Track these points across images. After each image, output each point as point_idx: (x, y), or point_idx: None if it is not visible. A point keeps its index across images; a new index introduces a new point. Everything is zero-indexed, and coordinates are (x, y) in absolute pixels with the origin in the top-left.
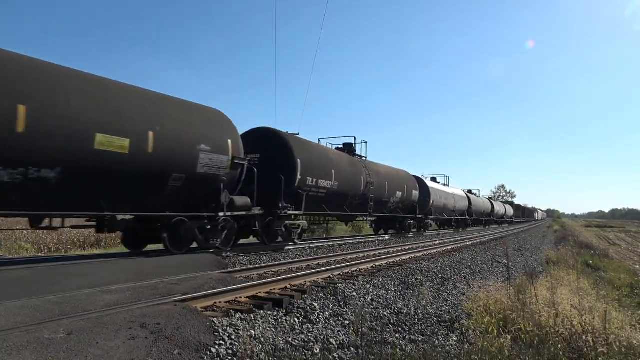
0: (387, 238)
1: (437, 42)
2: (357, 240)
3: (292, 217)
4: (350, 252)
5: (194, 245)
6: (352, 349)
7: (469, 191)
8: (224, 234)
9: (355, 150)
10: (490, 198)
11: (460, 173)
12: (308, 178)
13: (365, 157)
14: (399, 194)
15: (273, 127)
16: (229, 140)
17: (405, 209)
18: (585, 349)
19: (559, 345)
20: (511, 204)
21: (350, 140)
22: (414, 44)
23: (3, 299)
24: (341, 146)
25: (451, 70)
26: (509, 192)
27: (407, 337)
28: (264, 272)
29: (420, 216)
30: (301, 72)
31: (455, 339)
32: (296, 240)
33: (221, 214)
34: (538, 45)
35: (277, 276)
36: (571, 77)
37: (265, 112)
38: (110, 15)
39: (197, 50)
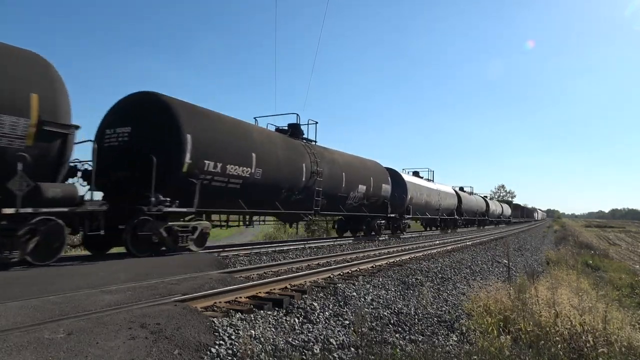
0: (340, 243)
1: (437, 42)
2: (281, 248)
3: (184, 215)
4: (350, 252)
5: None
6: (352, 349)
7: (461, 188)
8: (30, 243)
9: (303, 133)
10: (486, 197)
11: (461, 173)
12: (207, 162)
13: (315, 141)
14: (362, 188)
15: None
16: (34, 95)
17: (373, 206)
18: (585, 349)
19: (559, 345)
20: (509, 203)
21: (293, 119)
22: (413, 43)
23: (3, 299)
24: (286, 127)
25: (451, 70)
26: (509, 192)
27: (407, 337)
28: (264, 272)
29: (393, 215)
30: (301, 71)
31: (456, 339)
32: (192, 247)
33: (9, 210)
34: (538, 45)
35: (277, 276)
36: (571, 77)
37: (265, 111)
38: (110, 15)
39: (197, 50)
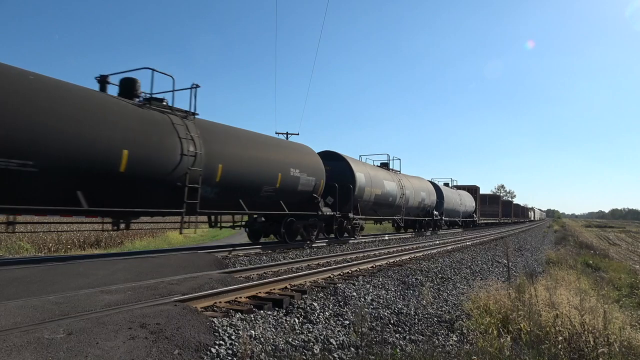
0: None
1: (437, 42)
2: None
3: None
4: (350, 252)
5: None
6: (352, 349)
7: (445, 184)
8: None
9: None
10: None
11: (461, 173)
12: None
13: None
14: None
15: (273, 127)
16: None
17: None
18: (586, 349)
19: (559, 346)
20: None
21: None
22: (410, 42)
23: (3, 299)
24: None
25: (452, 70)
26: (509, 192)
27: (407, 337)
28: (264, 272)
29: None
30: (301, 71)
31: (456, 339)
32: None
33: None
34: (538, 45)
35: (277, 276)
36: (571, 77)
37: (266, 111)
38: (110, 15)
39: (196, 49)
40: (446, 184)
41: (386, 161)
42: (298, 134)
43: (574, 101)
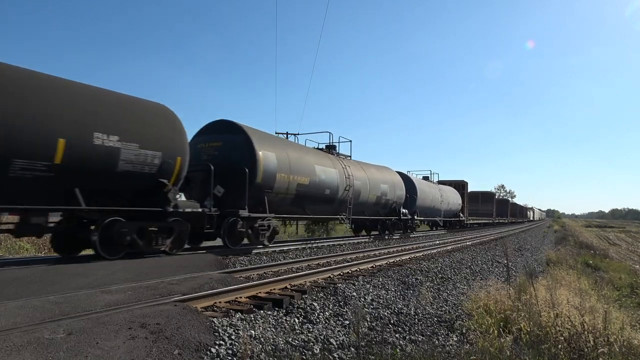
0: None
1: (436, 42)
2: None
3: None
4: (350, 252)
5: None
6: (352, 349)
7: (425, 178)
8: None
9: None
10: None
11: (461, 173)
12: None
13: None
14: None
15: (273, 127)
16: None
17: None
18: (586, 349)
19: (559, 345)
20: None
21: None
22: (410, 41)
23: (3, 299)
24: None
25: (452, 70)
26: (509, 192)
27: (407, 337)
28: (264, 272)
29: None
30: (301, 70)
31: (456, 339)
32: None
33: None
34: (538, 45)
35: (277, 276)
36: (571, 77)
37: (266, 111)
38: (110, 15)
39: (197, 48)
40: (426, 178)
41: (331, 143)
42: (298, 134)
43: (574, 101)
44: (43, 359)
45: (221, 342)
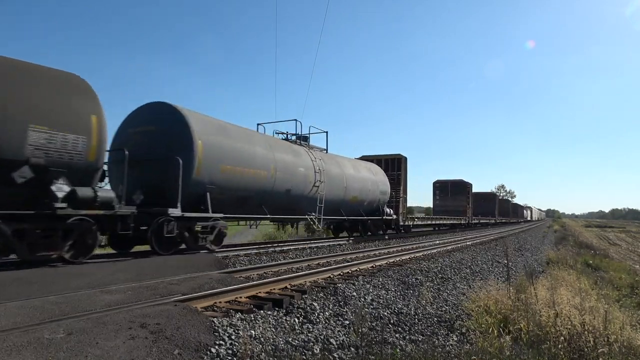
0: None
1: (436, 41)
2: None
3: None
4: (350, 252)
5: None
6: (352, 349)
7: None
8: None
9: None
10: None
11: (461, 173)
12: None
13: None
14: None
15: (273, 127)
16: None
17: None
18: (586, 349)
19: (559, 345)
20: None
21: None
22: (410, 40)
23: (3, 299)
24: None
25: (452, 69)
26: (509, 192)
27: (407, 337)
28: (264, 272)
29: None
30: (301, 70)
31: (456, 339)
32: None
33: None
34: (538, 45)
35: (277, 276)
36: (571, 77)
37: (266, 111)
38: (107, 12)
39: (195, 48)
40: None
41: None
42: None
43: (574, 101)
44: (43, 359)
45: (221, 342)
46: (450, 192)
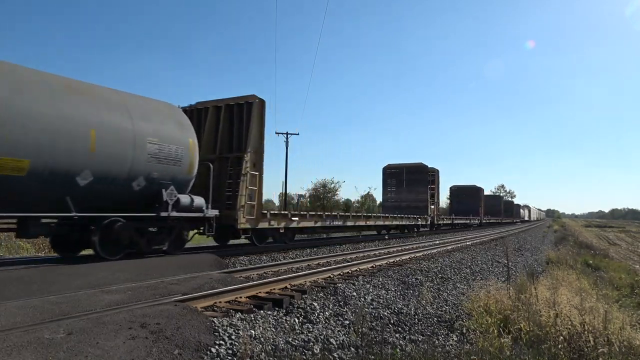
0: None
1: (436, 41)
2: None
3: None
4: (350, 252)
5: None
6: (352, 348)
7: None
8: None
9: None
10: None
11: (460, 172)
12: None
13: None
14: None
15: (273, 127)
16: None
17: None
18: (586, 349)
19: (559, 345)
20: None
21: None
22: (409, 40)
23: (3, 299)
24: None
25: (451, 69)
26: (509, 192)
27: (407, 337)
28: (264, 272)
29: None
30: (301, 70)
31: (456, 339)
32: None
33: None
34: (538, 45)
35: (277, 276)
36: (571, 77)
37: (267, 111)
38: (111, 15)
39: (194, 48)
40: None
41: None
42: (298, 134)
43: (574, 101)
44: (43, 359)
45: (221, 342)
46: (405, 181)
